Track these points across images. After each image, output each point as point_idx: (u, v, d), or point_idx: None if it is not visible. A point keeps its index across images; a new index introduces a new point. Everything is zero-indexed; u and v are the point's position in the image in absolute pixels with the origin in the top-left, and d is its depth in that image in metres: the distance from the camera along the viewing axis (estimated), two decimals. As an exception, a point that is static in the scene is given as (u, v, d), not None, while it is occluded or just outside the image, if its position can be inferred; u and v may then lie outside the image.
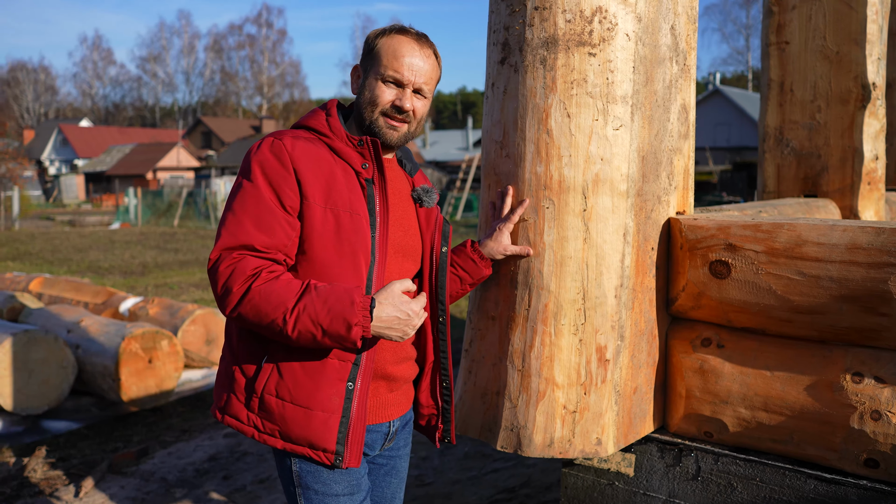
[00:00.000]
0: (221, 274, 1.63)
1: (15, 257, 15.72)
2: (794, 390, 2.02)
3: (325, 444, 1.71)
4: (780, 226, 2.01)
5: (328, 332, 1.61)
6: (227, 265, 1.63)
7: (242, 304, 1.61)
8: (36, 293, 7.51)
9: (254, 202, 1.66)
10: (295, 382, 1.70)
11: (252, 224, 1.65)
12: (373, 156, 1.78)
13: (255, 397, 1.71)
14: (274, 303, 1.60)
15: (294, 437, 1.71)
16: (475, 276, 2.04)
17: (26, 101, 72.44)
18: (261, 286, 1.61)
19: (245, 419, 1.74)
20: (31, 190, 40.52)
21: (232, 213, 1.68)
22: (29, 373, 5.09)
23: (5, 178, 26.62)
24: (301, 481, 1.77)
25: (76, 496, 3.93)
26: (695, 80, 2.32)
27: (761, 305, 2.03)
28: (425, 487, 3.95)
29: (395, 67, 1.77)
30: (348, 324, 1.60)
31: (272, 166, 1.68)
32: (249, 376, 1.74)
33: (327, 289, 1.63)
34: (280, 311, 1.60)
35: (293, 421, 1.70)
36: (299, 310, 1.60)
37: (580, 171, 2.02)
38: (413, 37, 1.81)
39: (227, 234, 1.66)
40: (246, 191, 1.68)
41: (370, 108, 1.80)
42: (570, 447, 2.05)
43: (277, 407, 1.70)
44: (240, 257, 1.63)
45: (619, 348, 2.07)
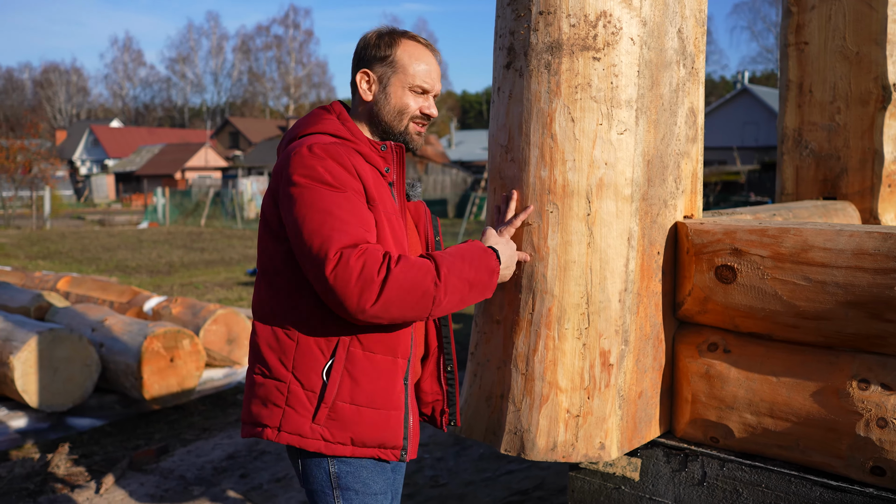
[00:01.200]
0: (353, 267, 1.58)
1: (45, 256, 16.01)
2: (800, 396, 2.00)
3: (396, 441, 1.77)
4: (787, 230, 1.99)
5: (476, 285, 1.73)
6: (357, 258, 1.59)
7: (387, 290, 1.59)
8: (63, 292, 7.65)
9: (346, 202, 1.66)
10: (372, 387, 1.72)
11: (356, 221, 1.65)
12: (397, 160, 1.83)
13: (324, 407, 1.70)
14: (419, 276, 1.63)
15: (368, 440, 1.74)
16: None
17: (59, 102, 73.72)
18: (399, 267, 1.61)
19: (309, 432, 1.71)
20: (62, 190, 41.25)
21: (329, 215, 1.63)
22: (54, 370, 5.19)
23: (37, 178, 27.13)
24: (340, 482, 1.77)
25: (97, 492, 4.00)
26: (703, 83, 2.31)
27: (767, 311, 2.02)
28: (439, 488, 3.96)
29: (422, 78, 1.84)
30: (491, 270, 1.77)
31: (340, 171, 1.68)
32: (314, 389, 1.71)
33: (457, 248, 1.75)
34: (429, 279, 1.64)
35: (372, 424, 1.73)
36: (445, 274, 1.66)
37: (584, 176, 2.02)
38: (426, 45, 1.88)
39: (337, 234, 1.61)
40: (331, 195, 1.66)
41: (399, 117, 1.84)
42: (574, 451, 2.05)
43: (353, 413, 1.71)
44: (364, 249, 1.61)
45: (623, 353, 2.07)
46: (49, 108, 72.32)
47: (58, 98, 73.76)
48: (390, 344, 1.76)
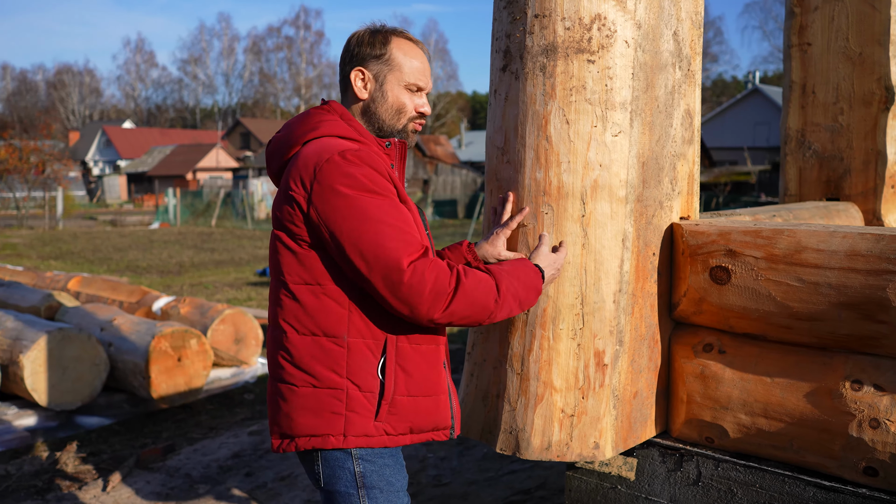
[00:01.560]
0: (427, 279, 1.65)
1: (58, 256, 16.15)
2: (794, 397, 2.01)
3: (446, 421, 1.85)
4: (780, 232, 2.00)
5: (523, 303, 1.83)
6: (430, 270, 1.66)
7: (456, 301, 1.68)
8: (74, 292, 7.72)
9: (394, 209, 1.69)
10: (422, 376, 1.79)
11: (411, 228, 1.71)
12: (401, 156, 1.88)
13: (384, 404, 1.74)
14: (483, 291, 1.72)
15: (424, 426, 1.81)
16: None
17: (72, 103, 74.24)
18: (466, 282, 1.70)
19: (374, 431, 1.74)
20: (75, 190, 41.54)
21: (386, 225, 1.66)
22: (63, 369, 5.25)
23: (50, 178, 27.35)
24: (366, 482, 1.76)
25: (103, 490, 4.04)
26: (700, 84, 2.32)
27: (761, 311, 2.03)
28: (441, 488, 3.98)
29: (417, 76, 1.85)
30: (537, 290, 1.86)
31: (377, 176, 1.69)
32: (372, 389, 1.74)
33: (511, 268, 1.83)
34: (491, 297, 1.73)
35: (427, 411, 1.80)
36: (503, 292, 1.76)
37: (579, 178, 2.03)
38: (417, 42, 1.90)
39: (402, 245, 1.65)
40: (379, 203, 1.67)
41: (397, 116, 1.86)
42: (568, 450, 2.07)
43: (410, 404, 1.77)
44: (432, 261, 1.68)
45: (617, 353, 2.08)
46: (62, 110, 72.85)
47: (71, 99, 74.29)
48: (433, 333, 1.83)
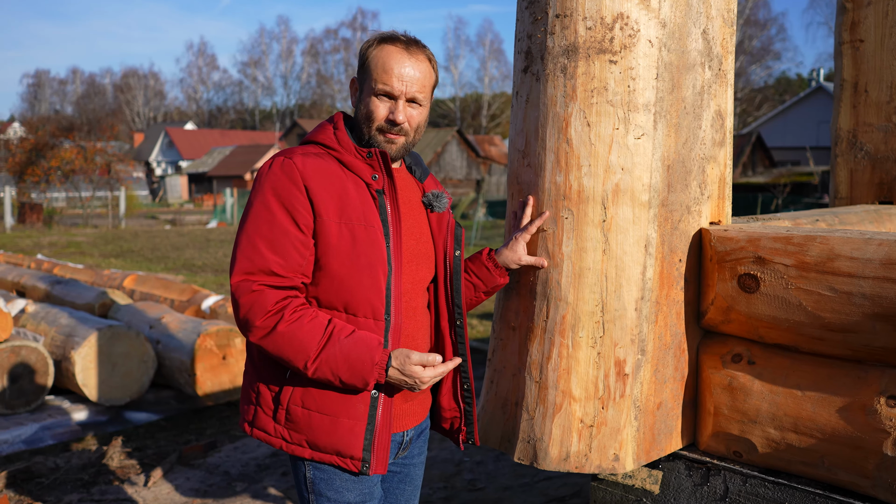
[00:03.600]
0: (242, 305, 1.67)
1: (118, 254, 16.64)
2: (826, 412, 1.92)
3: (352, 451, 1.75)
4: (812, 238, 1.91)
5: (345, 384, 1.70)
6: (249, 298, 1.66)
7: (265, 340, 1.67)
8: (129, 290, 7.93)
9: (267, 225, 1.69)
10: (322, 392, 1.73)
11: (267, 248, 1.68)
12: (382, 167, 1.79)
13: (281, 409, 1.75)
14: (296, 348, 1.66)
15: (321, 445, 1.75)
16: (489, 285, 2.03)
17: (137, 105, 76.52)
18: (285, 328, 1.65)
19: (272, 431, 1.77)
20: (138, 190, 42.82)
21: (247, 236, 1.70)
22: (112, 366, 5.39)
23: (114, 179, 28.23)
24: (314, 488, 1.80)
25: (145, 485, 4.13)
26: (732, 84, 2.23)
27: (791, 322, 1.94)
28: (476, 492, 3.95)
29: (384, 80, 1.76)
30: (365, 381, 1.69)
31: (284, 186, 1.69)
32: (275, 390, 1.77)
33: (350, 343, 1.68)
34: (301, 358, 1.66)
35: (320, 429, 1.74)
36: (321, 361, 1.66)
37: (600, 181, 1.98)
38: (402, 45, 1.78)
39: (244, 259, 1.69)
40: (259, 213, 1.70)
41: (367, 125, 1.80)
42: (587, 462, 2.01)
43: (304, 417, 1.74)
44: (260, 289, 1.67)
45: (639, 362, 2.02)
46: (128, 112, 75.14)
47: (136, 102, 76.57)
48: None
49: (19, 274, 8.07)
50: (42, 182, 28.16)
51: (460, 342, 1.91)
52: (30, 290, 7.59)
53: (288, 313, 1.66)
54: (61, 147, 28.19)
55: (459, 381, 1.93)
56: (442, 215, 1.92)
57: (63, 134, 29.30)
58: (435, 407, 1.98)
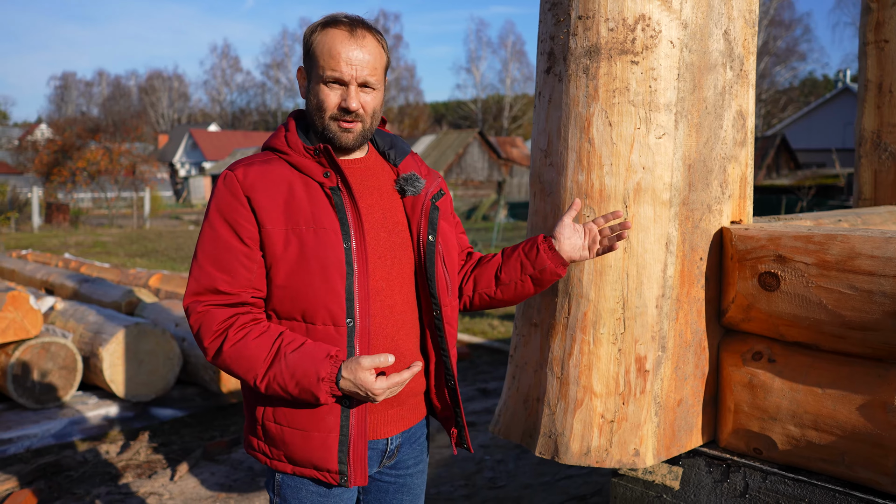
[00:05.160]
0: (192, 326, 1.66)
1: (143, 254, 16.86)
2: (846, 409, 1.93)
3: (328, 464, 1.69)
4: (833, 237, 1.93)
5: (296, 398, 1.63)
6: (196, 318, 1.65)
7: (216, 361, 1.65)
8: (154, 288, 8.05)
9: (211, 243, 1.66)
10: (289, 406, 1.69)
11: (212, 266, 1.64)
12: (330, 163, 1.68)
13: (258, 425, 1.73)
14: (244, 366, 1.62)
15: (298, 459, 1.71)
16: (537, 266, 1.82)
17: (162, 107, 77.37)
18: (230, 348, 1.62)
19: (256, 446, 1.76)
20: (162, 191, 43.32)
21: (195, 258, 1.68)
22: (139, 363, 5.48)
23: (138, 180, 28.59)
24: (280, 491, 1.77)
25: (171, 479, 4.21)
26: (753, 85, 2.25)
27: (812, 320, 1.95)
28: (496, 490, 3.98)
29: (332, 66, 1.65)
30: (315, 397, 1.61)
31: (226, 201, 1.66)
32: (252, 406, 1.75)
33: (296, 357, 1.61)
34: (250, 375, 1.62)
35: (293, 444, 1.70)
36: (269, 378, 1.62)
37: (621, 180, 2.01)
38: (346, 27, 1.68)
39: (192, 280, 1.67)
40: (204, 232, 1.68)
41: (318, 115, 1.70)
42: (608, 457, 2.04)
43: (278, 432, 1.71)
44: (204, 310, 1.64)
45: (659, 359, 2.04)
46: (153, 114, 76.00)
47: (161, 103, 77.42)
48: None
49: (48, 272, 8.22)
50: (68, 183, 28.60)
51: (440, 335, 1.77)
52: (58, 288, 7.73)
53: (233, 332, 1.62)
54: (87, 148, 28.62)
55: (444, 379, 1.81)
56: (417, 198, 1.77)
57: (89, 135, 29.74)
58: (430, 405, 1.88)
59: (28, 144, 33.52)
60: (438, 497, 3.90)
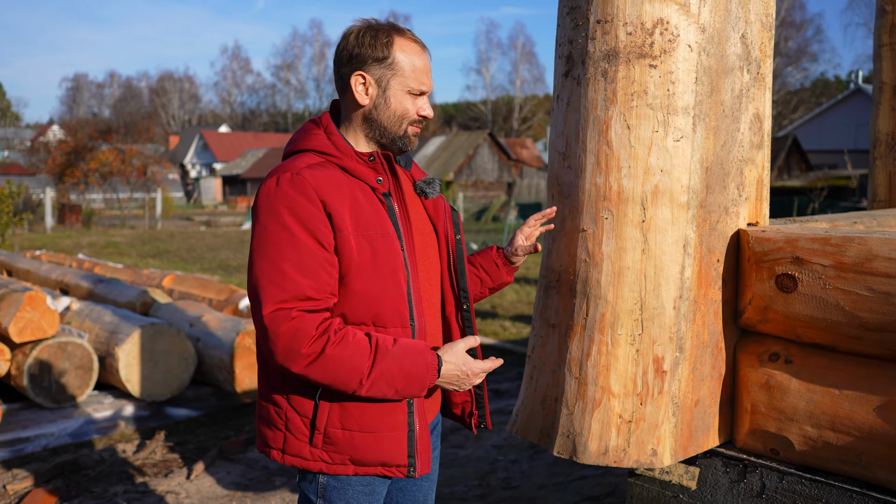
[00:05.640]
0: (283, 335, 1.58)
1: (155, 255, 16.96)
2: (863, 410, 1.94)
3: (398, 460, 1.73)
4: (850, 239, 1.94)
5: (400, 392, 1.66)
6: (289, 326, 1.58)
7: (311, 368, 1.59)
8: (167, 289, 8.11)
9: (292, 247, 1.60)
10: (361, 411, 1.70)
11: (296, 271, 1.60)
12: (387, 169, 1.75)
13: (318, 434, 1.70)
14: (348, 368, 1.60)
15: (367, 460, 1.72)
16: (496, 281, 2.04)
17: (173, 108, 77.76)
18: (332, 351, 1.59)
19: (309, 455, 1.72)
20: (174, 192, 43.54)
21: (270, 263, 1.60)
22: (154, 362, 5.53)
23: (150, 181, 28.75)
24: (325, 494, 1.77)
25: (187, 478, 4.25)
26: (770, 88, 2.27)
27: (829, 321, 1.97)
28: (511, 491, 4.00)
29: (421, 80, 1.74)
30: (423, 387, 1.67)
31: (300, 204, 1.61)
32: (308, 415, 1.72)
33: (400, 352, 1.64)
34: (356, 377, 1.61)
35: (364, 447, 1.71)
36: (375, 375, 1.62)
37: (639, 183, 2.03)
38: (420, 42, 1.77)
39: (274, 287, 1.59)
40: (279, 236, 1.61)
41: (399, 122, 1.75)
42: (625, 456, 2.06)
43: (345, 437, 1.71)
44: (298, 315, 1.59)
45: (677, 360, 2.06)
46: (163, 115, 76.38)
47: (171, 105, 77.81)
48: None
49: (63, 273, 8.29)
50: (81, 184, 28.79)
51: (468, 326, 1.88)
52: (73, 288, 7.80)
53: (333, 336, 1.60)
54: (99, 149, 28.81)
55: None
56: (437, 201, 1.88)
57: (101, 136, 29.94)
58: (445, 395, 1.95)
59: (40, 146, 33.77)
60: (452, 497, 3.93)
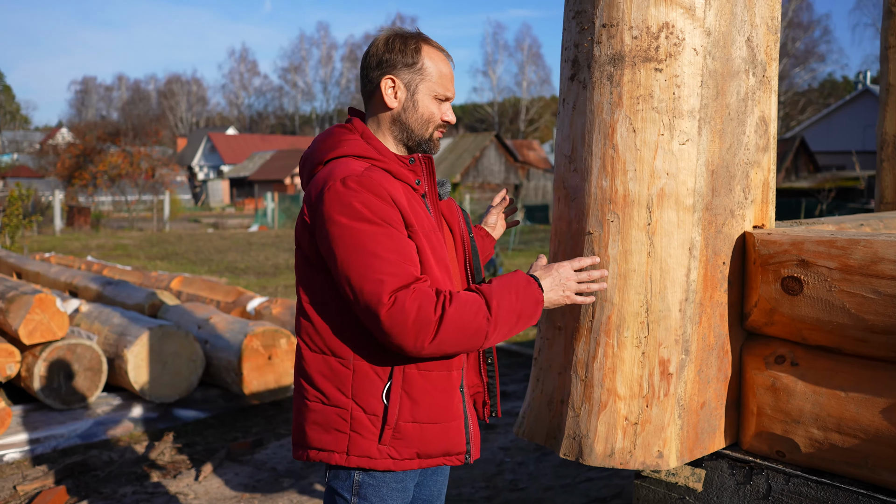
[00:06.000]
0: (409, 309, 1.62)
1: (163, 257, 17.02)
2: (870, 413, 1.95)
3: (459, 447, 1.82)
4: (856, 242, 1.95)
5: (522, 316, 1.74)
6: (412, 300, 1.62)
7: (442, 330, 1.64)
8: (176, 291, 8.15)
9: (386, 238, 1.66)
10: (430, 403, 1.76)
11: (402, 259, 1.66)
12: (428, 171, 1.85)
13: (388, 429, 1.74)
14: (472, 312, 1.67)
15: (432, 452, 1.78)
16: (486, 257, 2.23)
17: (180, 111, 78.05)
18: (453, 307, 1.65)
19: (377, 454, 1.76)
20: (181, 194, 43.68)
21: (371, 255, 1.64)
22: (163, 364, 5.56)
23: (158, 183, 28.87)
24: (361, 491, 1.80)
25: (196, 479, 4.27)
26: (776, 91, 2.27)
27: (835, 324, 1.97)
28: (517, 493, 4.01)
29: (447, 87, 1.84)
30: (537, 300, 1.77)
31: (376, 203, 1.67)
32: (376, 412, 1.75)
33: (501, 281, 1.75)
34: (482, 316, 1.68)
35: (433, 438, 1.77)
36: (496, 308, 1.70)
37: (645, 186, 2.04)
38: (445, 51, 1.87)
39: (388, 276, 1.64)
40: (369, 230, 1.66)
41: (426, 126, 1.83)
42: (631, 458, 2.07)
43: (416, 430, 1.76)
44: (416, 290, 1.64)
45: (683, 362, 2.07)
46: (171, 117, 76.67)
47: (180, 107, 78.11)
48: (445, 360, 1.78)
49: (72, 275, 8.34)
50: (89, 186, 28.93)
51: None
52: (82, 290, 7.85)
53: (446, 295, 1.67)
54: (108, 152, 28.97)
55: (482, 355, 1.95)
56: (449, 202, 1.97)
57: (109, 139, 30.09)
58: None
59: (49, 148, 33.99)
60: (459, 498, 3.94)
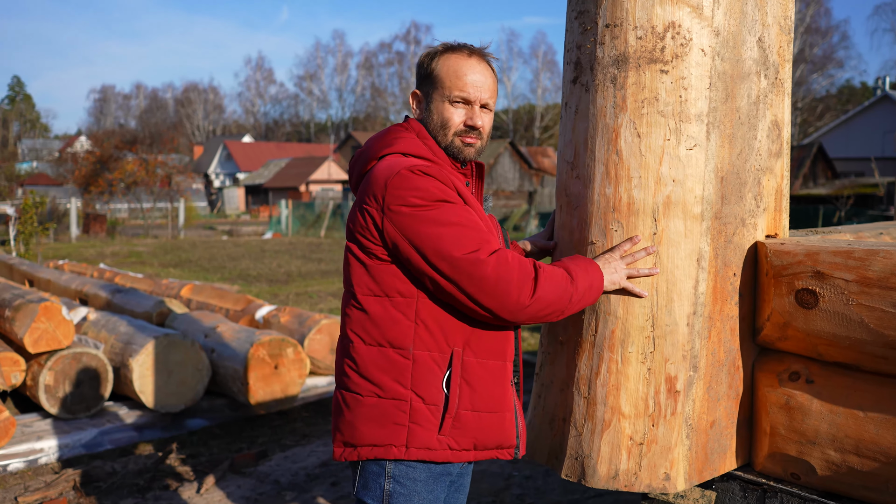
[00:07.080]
0: (512, 265, 1.70)
1: (177, 264, 17.04)
2: (890, 434, 1.83)
3: (510, 441, 1.84)
4: (875, 253, 1.84)
5: (591, 288, 1.81)
6: (512, 256, 1.71)
7: (540, 284, 1.71)
8: (185, 299, 8.11)
9: (468, 213, 1.74)
10: (487, 392, 1.78)
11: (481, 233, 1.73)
12: (477, 175, 1.92)
13: (449, 418, 1.74)
14: (558, 272, 1.76)
15: (488, 443, 1.80)
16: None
17: (197, 119, 78.58)
18: (543, 267, 1.76)
19: (436, 444, 1.75)
20: (197, 201, 43.92)
21: (463, 226, 1.71)
22: (168, 373, 5.50)
23: (174, 190, 28.98)
24: (392, 500, 1.78)
25: (197, 492, 4.20)
26: (789, 94, 2.17)
27: (852, 339, 1.86)
28: (525, 508, 3.90)
29: (459, 87, 1.82)
30: (600, 275, 1.84)
31: (443, 189, 1.72)
32: (436, 402, 1.75)
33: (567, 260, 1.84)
34: (566, 278, 1.76)
35: (490, 427, 1.79)
36: (574, 273, 1.78)
37: (650, 193, 1.94)
38: (467, 53, 1.85)
39: (481, 241, 1.71)
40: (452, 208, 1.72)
41: (443, 132, 1.85)
42: (636, 480, 1.96)
43: (474, 419, 1.77)
44: (509, 251, 1.73)
45: (691, 379, 1.96)
46: (188, 125, 77.19)
47: (196, 115, 78.62)
48: (499, 349, 1.81)
49: (83, 283, 8.33)
50: (106, 193, 29.10)
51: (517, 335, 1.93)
52: (92, 298, 7.82)
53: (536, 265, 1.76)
54: (124, 160, 29.12)
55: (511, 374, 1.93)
56: (490, 217, 1.97)
57: (126, 147, 30.26)
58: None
59: (68, 156, 34.24)
60: (465, 514, 3.84)
